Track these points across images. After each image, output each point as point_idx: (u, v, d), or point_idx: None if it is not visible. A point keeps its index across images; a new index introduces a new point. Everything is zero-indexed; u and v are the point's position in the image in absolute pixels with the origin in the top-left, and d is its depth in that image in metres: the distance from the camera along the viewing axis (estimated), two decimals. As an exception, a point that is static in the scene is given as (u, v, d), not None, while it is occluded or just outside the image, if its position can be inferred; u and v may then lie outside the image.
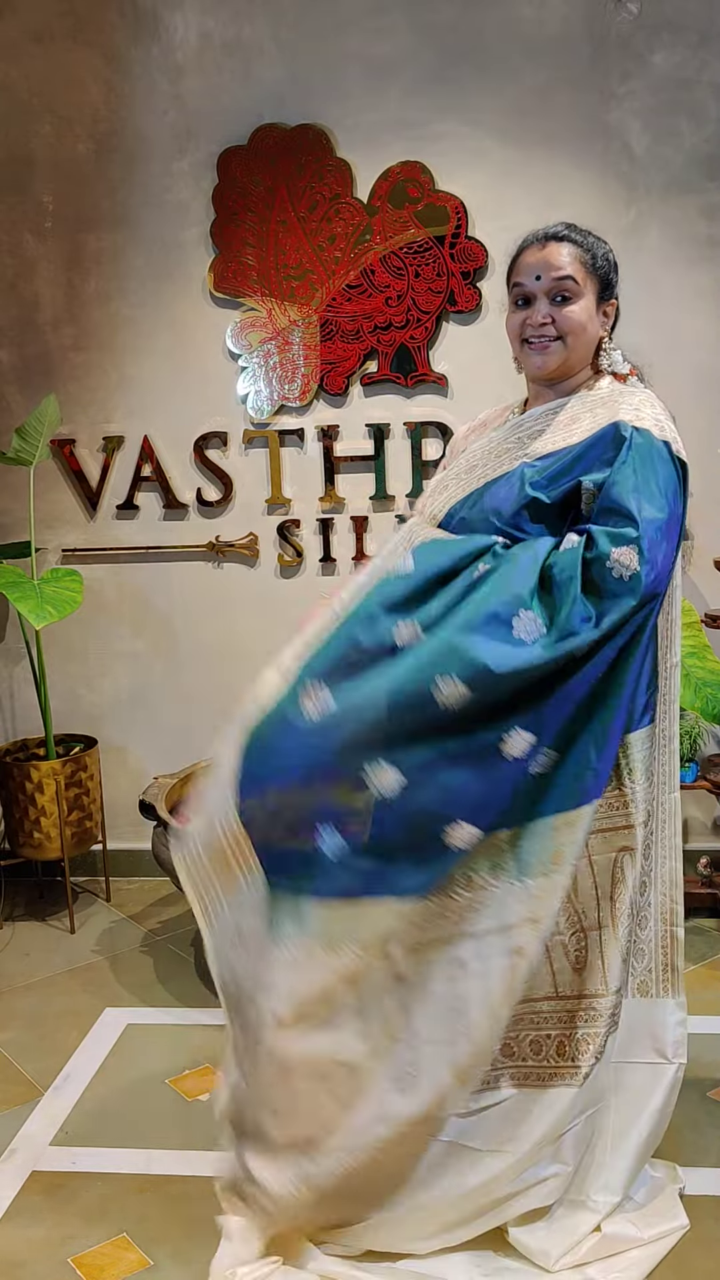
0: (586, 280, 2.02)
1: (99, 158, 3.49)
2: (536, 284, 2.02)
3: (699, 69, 3.21)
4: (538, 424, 2.06)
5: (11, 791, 3.46)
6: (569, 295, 2.01)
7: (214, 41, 3.37)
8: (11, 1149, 2.44)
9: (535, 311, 2.02)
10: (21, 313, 3.60)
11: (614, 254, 2.09)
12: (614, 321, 2.12)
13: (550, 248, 2.02)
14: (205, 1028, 2.87)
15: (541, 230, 2.05)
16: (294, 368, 3.50)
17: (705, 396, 3.36)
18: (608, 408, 1.99)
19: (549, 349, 2.02)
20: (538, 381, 2.10)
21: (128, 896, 3.70)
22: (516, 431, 2.08)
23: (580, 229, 2.06)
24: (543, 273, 2.01)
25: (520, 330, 2.05)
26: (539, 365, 2.04)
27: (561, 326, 2.01)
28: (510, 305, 2.07)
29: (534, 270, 2.02)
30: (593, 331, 2.05)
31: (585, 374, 2.09)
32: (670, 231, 3.31)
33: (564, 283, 2.00)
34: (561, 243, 2.02)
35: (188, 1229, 2.17)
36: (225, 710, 3.78)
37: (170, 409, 3.60)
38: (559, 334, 2.02)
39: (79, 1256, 2.12)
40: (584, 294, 2.02)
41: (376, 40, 3.30)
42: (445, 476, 2.17)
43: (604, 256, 2.06)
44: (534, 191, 3.32)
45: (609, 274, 2.07)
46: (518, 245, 2.08)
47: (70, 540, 3.72)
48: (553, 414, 2.05)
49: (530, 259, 2.03)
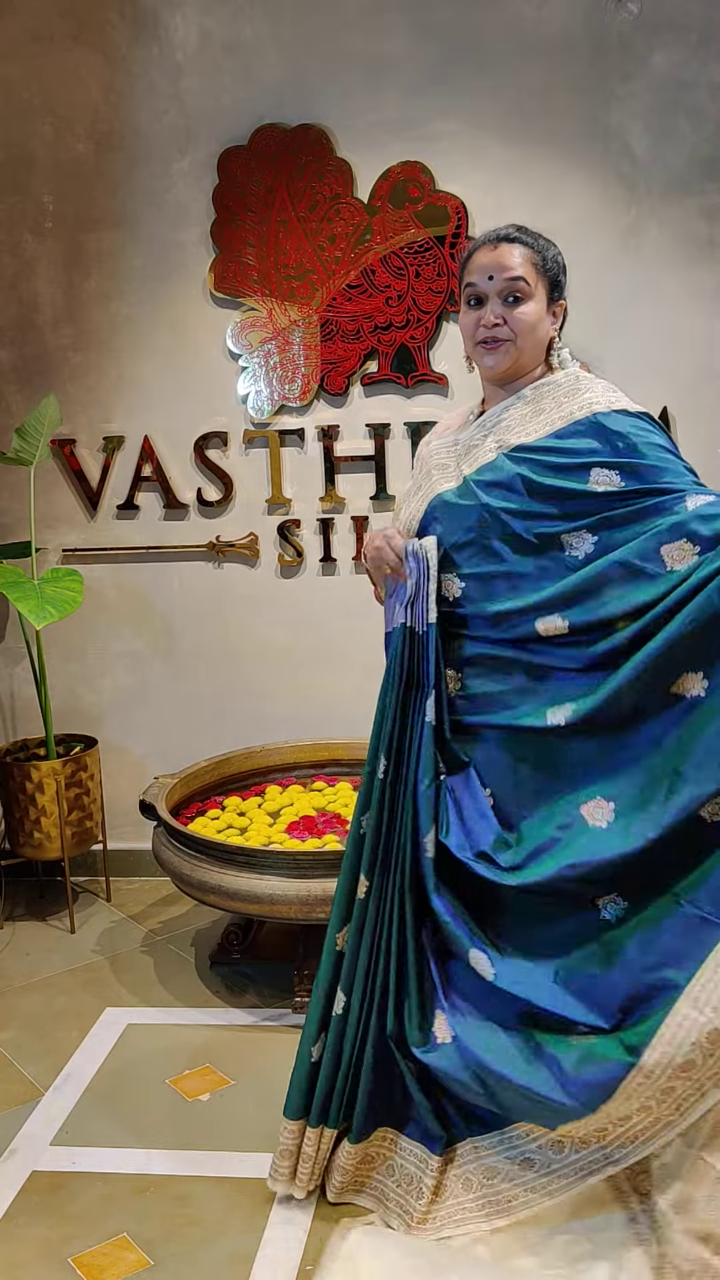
0: (537, 281, 2.05)
1: (99, 158, 3.49)
2: (489, 284, 2.04)
3: (699, 69, 3.21)
4: (501, 419, 2.10)
5: (11, 791, 3.46)
6: (520, 296, 2.04)
7: (214, 41, 3.37)
8: (11, 1149, 2.44)
9: (488, 311, 2.05)
10: (21, 312, 3.60)
11: (562, 256, 2.13)
12: (563, 321, 2.16)
13: (502, 249, 2.04)
14: (205, 1028, 2.87)
15: (494, 231, 2.08)
16: (294, 368, 3.50)
17: (705, 396, 3.36)
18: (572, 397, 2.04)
19: (500, 348, 2.06)
20: (492, 381, 2.14)
21: (128, 896, 3.70)
22: (481, 430, 2.13)
23: (531, 231, 2.09)
24: (495, 273, 2.04)
25: (474, 330, 2.08)
26: (491, 365, 2.08)
27: (514, 327, 2.05)
28: (463, 305, 2.10)
29: (486, 270, 2.04)
30: (543, 331, 2.09)
31: (539, 371, 2.12)
32: (670, 231, 3.31)
33: (516, 283, 2.03)
34: (513, 244, 2.05)
35: (188, 1229, 2.17)
36: (225, 710, 3.81)
37: (170, 409, 3.60)
38: (511, 335, 2.05)
39: (79, 1256, 2.12)
40: (534, 294, 2.05)
41: (376, 40, 3.30)
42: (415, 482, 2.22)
43: (554, 259, 2.10)
44: (534, 191, 3.32)
45: (558, 275, 2.11)
46: (470, 247, 2.10)
47: (70, 540, 3.72)
48: (512, 407, 2.09)
49: (483, 259, 2.05)
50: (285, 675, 3.68)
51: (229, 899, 2.84)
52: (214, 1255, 2.10)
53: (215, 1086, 2.63)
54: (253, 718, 3.69)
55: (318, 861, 2.78)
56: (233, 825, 3.16)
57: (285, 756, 3.53)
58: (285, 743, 3.55)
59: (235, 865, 2.85)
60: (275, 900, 2.77)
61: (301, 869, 2.78)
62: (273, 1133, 2.42)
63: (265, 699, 3.70)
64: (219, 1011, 2.95)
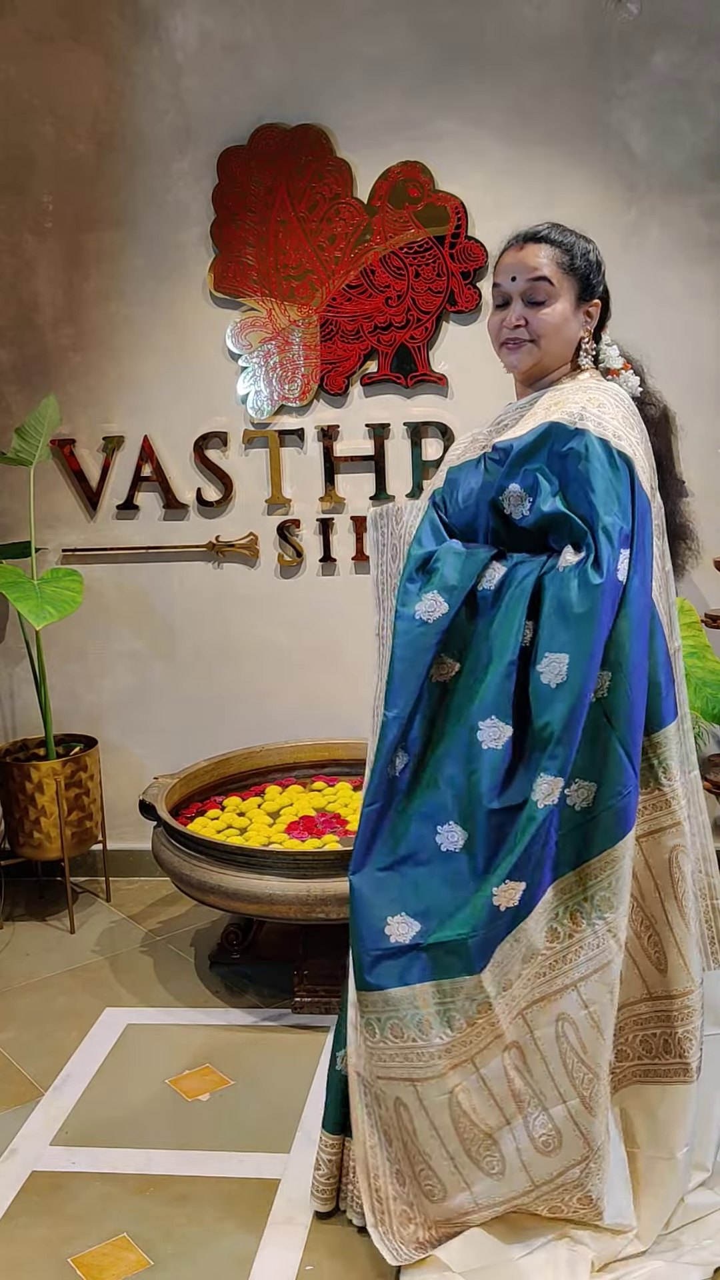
0: (563, 281, 2.02)
1: (99, 158, 3.49)
2: (513, 285, 2.03)
3: (699, 69, 3.21)
4: (508, 418, 2.11)
5: (11, 791, 3.46)
6: (544, 298, 2.02)
7: (214, 41, 3.37)
8: (11, 1149, 2.44)
9: (510, 313, 2.04)
10: (21, 312, 3.60)
11: (597, 252, 2.08)
12: (600, 320, 2.12)
13: (528, 249, 2.02)
14: (205, 1028, 2.87)
15: (523, 230, 2.06)
16: (294, 368, 3.50)
17: (705, 396, 3.36)
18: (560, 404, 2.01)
19: (521, 349, 2.04)
20: (519, 381, 2.14)
21: (128, 896, 3.70)
22: (488, 426, 2.15)
23: (563, 228, 2.06)
24: (518, 274, 2.02)
25: (498, 331, 2.07)
26: (512, 365, 2.08)
27: (534, 329, 2.03)
28: (493, 305, 2.09)
29: (510, 271, 2.03)
30: (569, 333, 2.05)
31: (563, 372, 2.09)
32: (670, 231, 3.31)
33: (538, 284, 2.01)
34: (540, 244, 2.02)
35: (188, 1229, 2.17)
36: (225, 710, 3.81)
37: (170, 409, 3.60)
38: (532, 336, 2.03)
39: (79, 1256, 2.12)
40: (559, 295, 2.02)
41: (376, 40, 3.30)
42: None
43: (584, 256, 2.05)
44: (534, 191, 3.32)
45: (589, 274, 2.06)
46: (501, 248, 2.09)
47: (70, 540, 3.72)
48: (525, 408, 2.09)
49: (508, 260, 2.04)
50: (285, 675, 3.68)
51: (229, 899, 2.83)
52: (214, 1255, 2.10)
53: (215, 1086, 2.63)
54: (253, 718, 3.69)
55: (317, 862, 2.78)
56: (232, 825, 3.16)
57: (285, 756, 3.53)
58: (285, 743, 3.55)
59: (235, 865, 2.84)
60: (275, 900, 2.77)
61: (301, 869, 2.78)
62: (273, 1133, 2.43)
63: (265, 699, 3.70)
64: (219, 1011, 2.95)
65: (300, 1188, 2.25)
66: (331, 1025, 2.80)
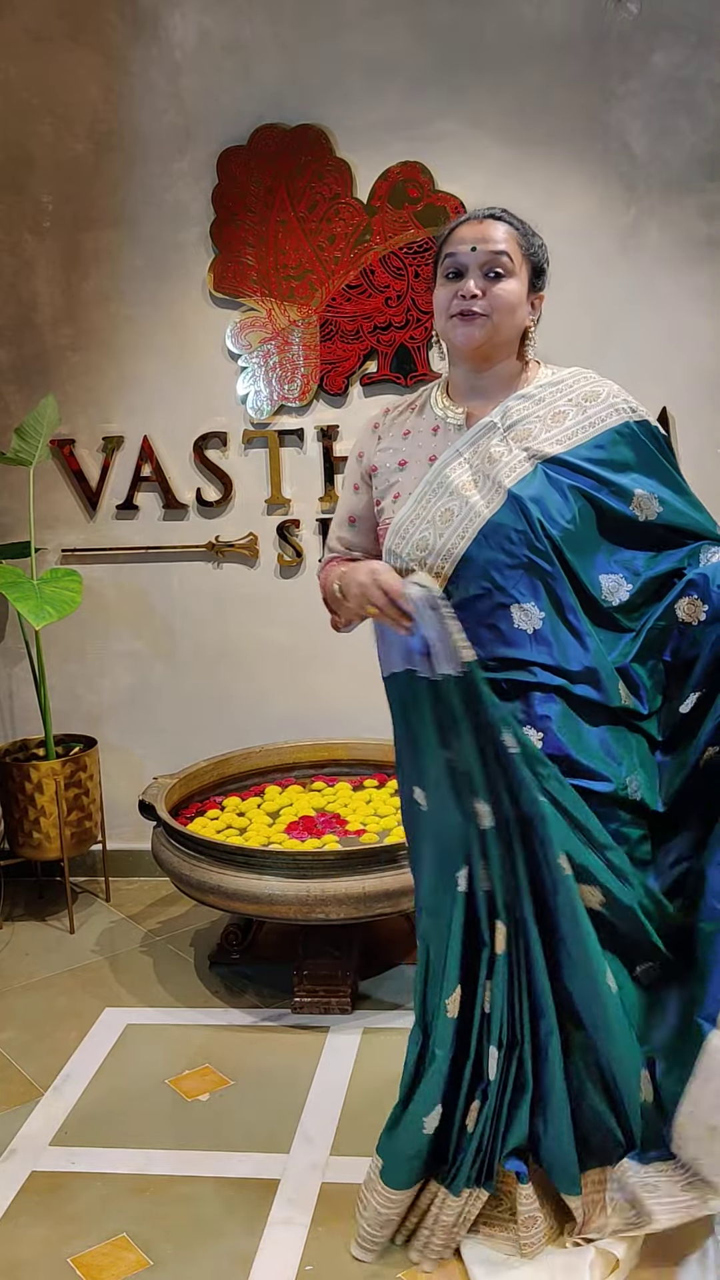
0: (520, 263, 1.94)
1: (98, 157, 3.49)
2: (471, 255, 1.90)
3: (699, 69, 3.21)
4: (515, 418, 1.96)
5: (11, 791, 3.46)
6: (503, 271, 1.90)
7: (213, 41, 3.37)
8: (11, 1149, 2.43)
9: (466, 282, 1.90)
10: (20, 312, 3.60)
11: (547, 251, 2.01)
12: (539, 317, 2.03)
13: (488, 223, 1.93)
14: (205, 1028, 2.87)
15: (481, 209, 1.97)
16: (294, 368, 3.50)
17: (705, 396, 3.36)
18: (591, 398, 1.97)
19: (475, 322, 1.90)
20: (465, 362, 1.98)
21: (128, 896, 3.70)
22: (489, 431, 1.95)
23: (517, 216, 1.98)
24: (479, 244, 1.90)
25: (449, 302, 1.92)
26: (465, 337, 1.92)
27: (492, 302, 1.90)
28: (439, 278, 1.95)
29: (469, 241, 1.91)
30: (521, 317, 1.95)
31: (511, 363, 1.99)
32: (670, 231, 3.31)
33: (499, 257, 1.90)
34: (499, 221, 1.94)
35: (188, 1229, 2.17)
36: (225, 710, 3.81)
37: (170, 409, 3.59)
38: (487, 310, 1.90)
39: (79, 1256, 2.12)
40: (516, 274, 1.92)
41: (376, 40, 3.30)
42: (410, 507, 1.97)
43: (539, 247, 1.99)
44: (534, 191, 3.32)
45: (541, 264, 1.99)
46: (450, 224, 1.98)
47: (70, 540, 3.72)
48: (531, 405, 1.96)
49: (466, 232, 1.93)
50: (285, 675, 3.68)
51: (228, 899, 2.83)
52: (214, 1255, 2.10)
53: (215, 1086, 2.63)
54: (252, 718, 3.69)
55: (317, 862, 2.78)
56: (232, 825, 3.16)
57: (285, 756, 3.53)
58: (285, 743, 3.55)
59: (235, 865, 2.84)
60: (275, 900, 2.77)
61: (301, 869, 2.78)
62: (273, 1133, 2.43)
63: (265, 699, 3.70)
64: (218, 1011, 2.95)
65: (300, 1188, 2.25)
66: (331, 1025, 2.81)
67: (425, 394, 2.10)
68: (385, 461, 2.06)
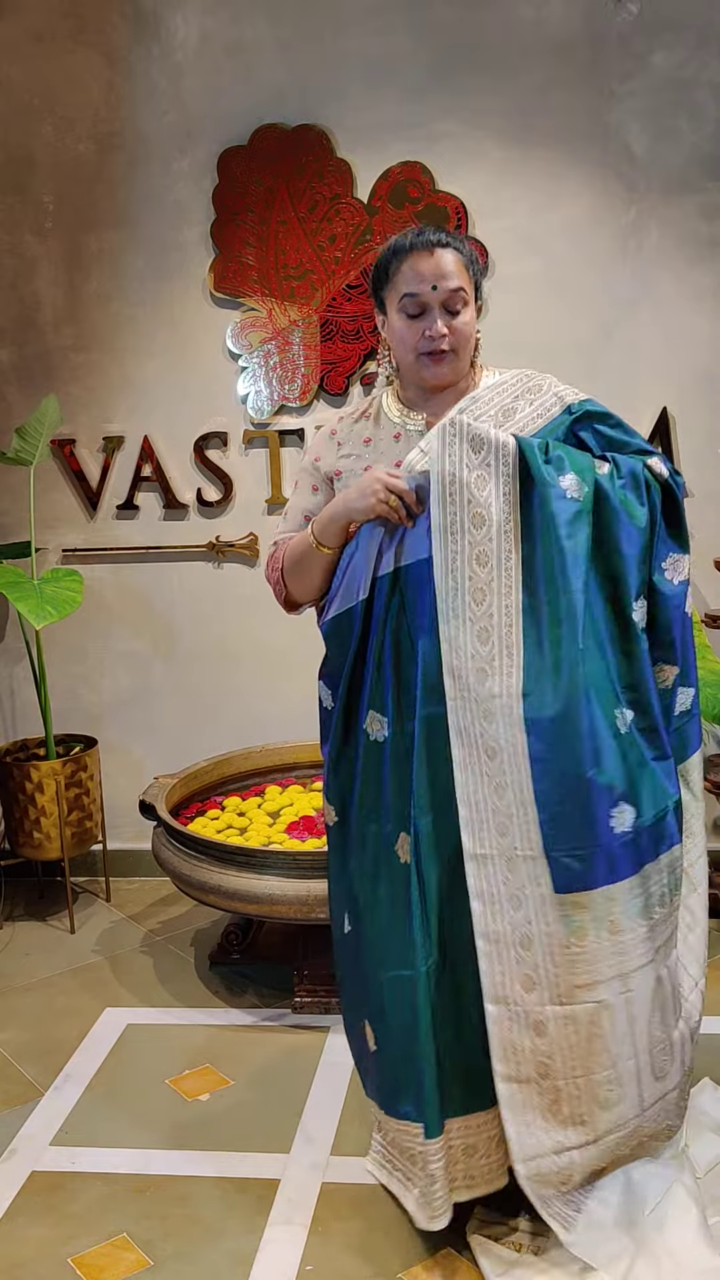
0: (469, 287, 2.02)
1: (99, 158, 3.49)
2: (433, 294, 1.97)
3: (699, 69, 3.21)
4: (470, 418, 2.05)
5: (11, 791, 3.46)
6: (461, 306, 1.99)
7: (214, 42, 3.37)
8: (11, 1149, 2.43)
9: (434, 323, 1.98)
10: (22, 313, 3.61)
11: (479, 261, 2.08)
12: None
13: (439, 256, 1.97)
14: (205, 1028, 2.87)
15: (423, 237, 1.99)
16: (294, 368, 3.50)
17: (705, 396, 3.36)
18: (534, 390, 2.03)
19: (445, 361, 2.01)
20: (433, 390, 2.07)
21: (128, 896, 3.70)
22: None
23: (450, 232, 2.03)
24: (438, 283, 1.97)
25: (416, 341, 2.00)
26: (435, 376, 2.02)
27: (456, 339, 2.00)
28: (398, 315, 2.01)
29: (429, 279, 1.97)
30: (474, 334, 2.05)
31: (467, 374, 2.09)
32: (670, 231, 3.31)
33: (458, 294, 1.98)
34: (447, 249, 1.98)
35: (188, 1229, 2.17)
36: (225, 710, 3.81)
37: (170, 409, 3.60)
38: (452, 346, 2.00)
39: (79, 1256, 2.12)
40: (470, 302, 2.02)
41: (376, 40, 3.30)
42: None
43: (477, 260, 2.06)
44: (534, 191, 3.32)
45: (479, 276, 2.07)
46: (394, 249, 2.02)
47: (70, 540, 3.72)
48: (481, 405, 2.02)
49: (424, 267, 1.98)
50: (285, 675, 3.68)
51: (229, 899, 2.83)
52: (214, 1255, 2.10)
53: (215, 1086, 2.63)
54: (253, 718, 3.69)
55: (317, 862, 2.77)
56: (232, 825, 3.16)
57: (285, 756, 3.53)
58: (285, 743, 3.55)
59: (235, 865, 2.84)
60: (275, 900, 2.77)
61: (301, 869, 2.78)
62: (273, 1133, 2.43)
63: (265, 699, 3.70)
64: (219, 1011, 2.95)
65: (300, 1188, 2.25)
66: (331, 1025, 2.81)
67: (375, 402, 2.17)
68: (350, 467, 2.13)
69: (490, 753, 1.89)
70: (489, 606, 1.89)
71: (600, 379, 3.19)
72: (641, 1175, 2.03)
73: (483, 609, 1.89)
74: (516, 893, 1.90)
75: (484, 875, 1.92)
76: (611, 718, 1.88)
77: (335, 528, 2.04)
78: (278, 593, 2.23)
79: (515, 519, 1.88)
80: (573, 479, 1.88)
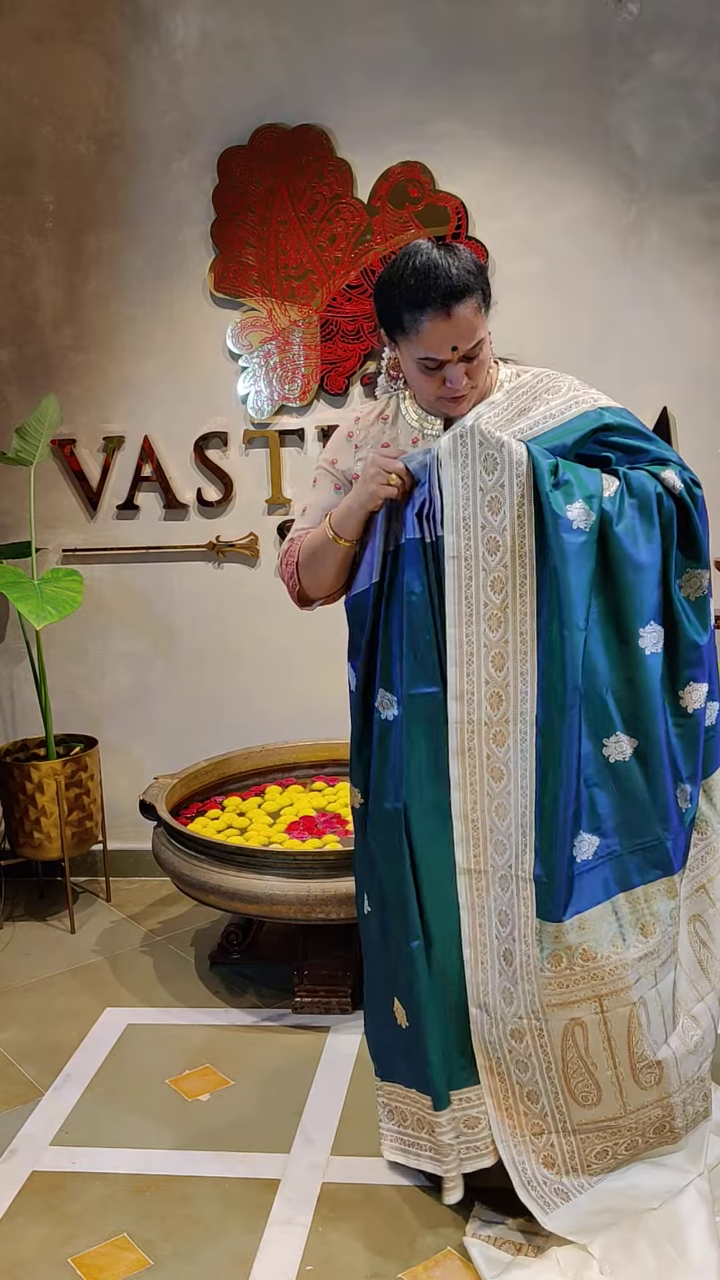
0: (484, 321, 1.96)
1: (99, 158, 3.49)
2: (453, 354, 1.92)
3: (699, 69, 3.21)
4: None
5: (11, 791, 3.46)
6: (479, 352, 1.95)
7: (214, 41, 3.37)
8: (11, 1149, 2.43)
9: (456, 380, 1.95)
10: (22, 313, 3.60)
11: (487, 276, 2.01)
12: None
13: (455, 314, 1.89)
14: (205, 1028, 2.87)
15: (436, 291, 1.88)
16: (294, 368, 3.50)
17: (705, 396, 3.36)
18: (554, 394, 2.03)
19: (464, 401, 1.99)
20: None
21: (128, 896, 3.70)
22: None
23: (460, 258, 1.91)
24: (458, 344, 1.91)
25: (435, 390, 1.98)
26: (459, 413, 2.01)
27: (475, 377, 1.97)
28: (415, 366, 1.97)
29: (447, 343, 1.91)
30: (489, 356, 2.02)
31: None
32: (670, 231, 3.31)
33: (478, 348, 1.94)
34: (462, 301, 1.89)
35: (188, 1229, 2.17)
36: (225, 710, 3.81)
37: (170, 409, 3.60)
38: (473, 385, 1.98)
39: (79, 1256, 2.12)
40: (485, 338, 1.97)
41: (376, 40, 3.30)
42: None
43: (486, 280, 1.97)
44: (534, 191, 3.32)
45: (489, 294, 1.99)
46: (408, 300, 1.91)
47: (70, 540, 3.72)
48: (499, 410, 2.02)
49: (442, 332, 1.90)
50: (285, 675, 3.68)
51: (229, 899, 2.83)
52: (214, 1255, 2.10)
53: (215, 1086, 2.63)
54: (253, 718, 3.69)
55: (317, 862, 2.78)
56: (233, 825, 3.16)
57: (285, 756, 3.53)
58: (285, 743, 3.55)
59: (235, 865, 2.84)
60: (275, 900, 2.77)
61: (301, 869, 2.78)
62: (273, 1133, 2.43)
63: (265, 699, 3.70)
64: (219, 1011, 2.95)
65: (300, 1188, 2.25)
66: (331, 1025, 2.82)
67: (393, 405, 2.16)
68: None
69: (497, 775, 1.94)
70: (505, 633, 1.92)
71: (601, 379, 3.16)
72: (645, 1176, 2.04)
73: (498, 635, 1.92)
74: (505, 909, 1.95)
75: (475, 890, 1.99)
76: (600, 748, 1.91)
77: (353, 520, 2.06)
78: (291, 587, 2.24)
79: (530, 544, 1.89)
80: (580, 508, 1.86)
